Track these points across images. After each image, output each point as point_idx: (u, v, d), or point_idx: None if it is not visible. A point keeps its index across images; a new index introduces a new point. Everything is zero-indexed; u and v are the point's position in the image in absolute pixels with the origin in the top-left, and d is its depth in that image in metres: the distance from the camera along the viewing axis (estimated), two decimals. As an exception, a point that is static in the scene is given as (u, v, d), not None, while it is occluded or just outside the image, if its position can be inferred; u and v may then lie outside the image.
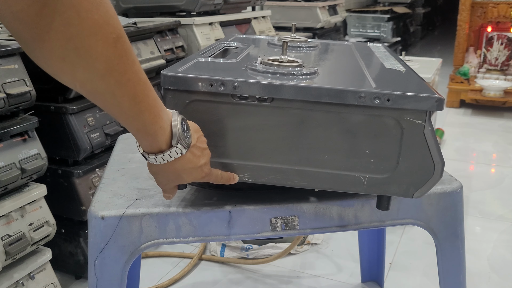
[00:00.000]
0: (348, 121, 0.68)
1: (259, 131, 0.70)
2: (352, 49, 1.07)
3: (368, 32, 4.66)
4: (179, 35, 1.86)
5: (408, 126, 0.67)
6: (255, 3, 2.49)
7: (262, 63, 0.75)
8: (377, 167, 0.70)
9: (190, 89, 0.67)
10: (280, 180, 0.72)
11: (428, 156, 0.68)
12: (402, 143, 0.68)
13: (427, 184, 0.70)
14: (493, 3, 3.53)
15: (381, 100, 0.66)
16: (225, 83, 0.66)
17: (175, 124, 0.60)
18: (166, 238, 0.77)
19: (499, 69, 3.51)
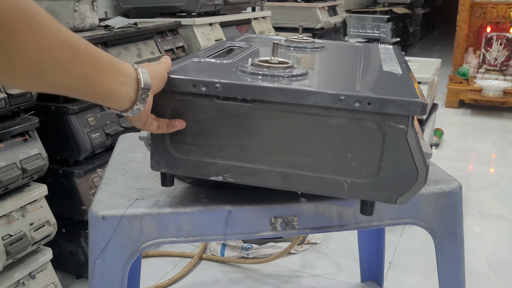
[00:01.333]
0: (329, 124, 0.67)
1: (242, 132, 0.70)
2: (359, 50, 1.06)
3: (368, 32, 4.67)
4: (179, 36, 1.87)
5: (390, 131, 0.66)
6: (255, 4, 2.50)
7: (253, 65, 0.75)
8: (359, 172, 0.68)
9: (175, 89, 0.68)
10: (263, 181, 0.72)
11: (411, 162, 0.66)
12: (384, 148, 0.67)
13: (410, 191, 0.68)
14: (492, 3, 3.54)
15: (361, 104, 0.64)
16: (208, 84, 0.67)
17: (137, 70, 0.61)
18: (166, 238, 0.78)
19: (498, 70, 3.52)
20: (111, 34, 1.49)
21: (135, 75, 0.60)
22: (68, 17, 1.48)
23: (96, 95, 0.57)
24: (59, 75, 0.50)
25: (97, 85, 0.55)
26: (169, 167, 0.73)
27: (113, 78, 0.57)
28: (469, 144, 2.79)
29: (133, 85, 0.60)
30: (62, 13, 1.47)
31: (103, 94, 0.57)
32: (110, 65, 0.57)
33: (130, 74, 0.59)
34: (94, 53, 0.54)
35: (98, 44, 1.43)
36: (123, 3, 2.09)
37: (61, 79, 0.51)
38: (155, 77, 0.64)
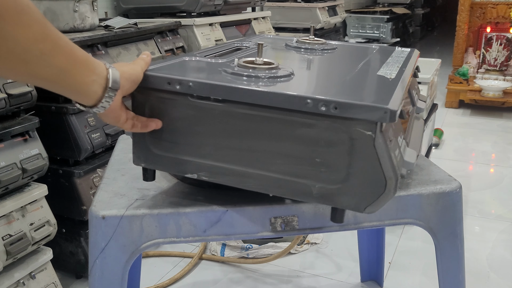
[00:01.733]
0: (297, 127, 0.66)
1: (215, 132, 0.70)
2: (368, 53, 1.05)
3: (368, 32, 4.67)
4: (179, 36, 1.87)
5: (358, 137, 0.63)
6: (255, 4, 2.50)
7: (237, 65, 0.75)
8: (327, 177, 0.66)
9: (152, 86, 0.70)
10: (237, 181, 0.72)
11: (379, 171, 0.63)
12: (352, 154, 0.64)
13: (378, 200, 0.65)
14: (492, 3, 3.54)
15: (327, 108, 0.63)
16: (182, 82, 0.69)
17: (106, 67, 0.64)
18: (166, 238, 0.78)
19: (498, 70, 3.52)
20: (111, 34, 1.49)
21: (105, 74, 0.63)
22: (68, 17, 1.48)
23: (67, 89, 0.60)
24: (40, 65, 0.54)
25: (71, 79, 0.59)
26: (149, 163, 0.75)
27: (86, 75, 0.60)
28: (469, 144, 2.80)
29: (102, 84, 0.62)
30: (62, 13, 1.47)
31: (74, 88, 0.60)
32: (85, 62, 0.60)
33: (101, 73, 0.62)
34: (72, 49, 0.58)
35: (98, 44, 1.43)
36: (123, 3, 2.09)
37: (41, 69, 0.55)
38: (126, 78, 0.66)
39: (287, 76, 0.74)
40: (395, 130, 0.71)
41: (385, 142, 0.64)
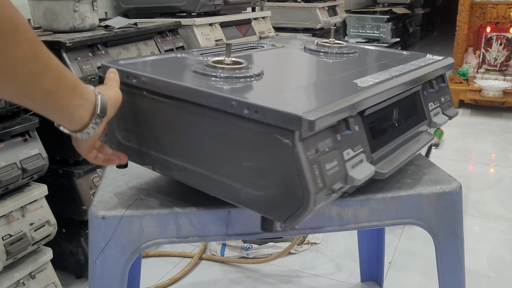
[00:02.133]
0: (228, 128, 0.65)
1: (164, 126, 0.73)
2: (386, 58, 1.02)
3: (368, 32, 4.67)
4: (179, 36, 1.87)
5: (277, 144, 0.61)
6: (255, 4, 2.50)
7: (205, 64, 0.77)
8: (253, 183, 0.65)
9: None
10: (183, 177, 0.73)
11: (297, 183, 0.60)
12: (273, 162, 0.62)
13: (297, 213, 0.62)
14: (492, 3, 3.54)
15: (250, 111, 0.61)
16: (137, 76, 0.73)
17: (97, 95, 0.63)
18: (166, 238, 0.78)
19: (498, 70, 3.52)
20: (111, 34, 1.49)
21: (94, 100, 0.62)
22: (68, 17, 1.48)
23: (53, 112, 0.59)
24: (28, 85, 0.53)
25: (58, 102, 0.57)
26: (118, 151, 0.78)
27: (74, 99, 0.59)
28: (469, 144, 2.80)
29: (90, 110, 0.61)
30: (62, 13, 1.47)
31: (60, 112, 0.59)
32: (74, 87, 0.59)
33: (89, 99, 0.61)
34: (63, 72, 0.57)
35: (98, 44, 1.43)
36: (123, 3, 2.09)
37: (28, 89, 0.53)
38: (112, 105, 0.66)
39: (247, 77, 0.74)
40: (342, 140, 0.67)
41: (306, 153, 0.60)
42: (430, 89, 0.93)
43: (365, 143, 0.72)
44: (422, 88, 0.91)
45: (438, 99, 0.96)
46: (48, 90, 0.55)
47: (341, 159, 0.66)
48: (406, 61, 0.97)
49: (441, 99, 0.98)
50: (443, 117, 0.96)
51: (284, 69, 0.96)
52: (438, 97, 0.96)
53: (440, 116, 0.95)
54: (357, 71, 0.88)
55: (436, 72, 0.94)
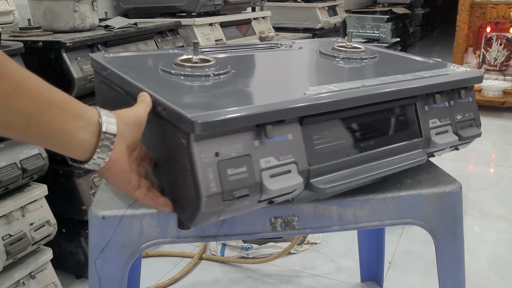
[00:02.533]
0: (154, 124, 0.65)
1: None
2: (398, 63, 0.97)
3: (368, 32, 4.67)
4: (179, 36, 1.87)
5: (178, 143, 0.61)
6: (255, 4, 2.50)
7: (174, 63, 0.80)
8: (167, 180, 0.66)
9: (97, 70, 0.84)
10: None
11: (191, 184, 0.59)
12: (177, 161, 0.62)
13: (192, 215, 0.62)
14: (492, 3, 3.54)
15: (161, 108, 0.62)
16: (107, 69, 0.78)
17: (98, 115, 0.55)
18: (166, 238, 0.78)
19: (498, 70, 3.52)
20: (111, 34, 1.49)
21: (97, 119, 0.53)
22: (68, 17, 1.48)
23: (44, 138, 0.50)
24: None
25: (45, 126, 0.49)
26: None
27: (67, 120, 0.50)
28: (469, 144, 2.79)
29: (94, 131, 0.53)
30: (62, 13, 1.47)
31: (54, 137, 0.51)
32: (65, 106, 0.50)
33: (91, 118, 0.53)
34: (45, 92, 0.49)
35: (98, 44, 1.43)
36: (123, 3, 2.09)
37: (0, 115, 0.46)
38: (126, 122, 0.56)
39: (203, 76, 0.77)
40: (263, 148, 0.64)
41: (200, 154, 0.59)
42: (434, 104, 0.83)
43: (300, 153, 0.68)
44: (422, 102, 0.82)
45: (450, 116, 0.86)
46: (27, 113, 0.47)
47: (255, 166, 0.63)
48: (417, 70, 0.88)
49: (455, 117, 0.86)
50: (450, 137, 0.84)
51: (260, 70, 0.94)
52: (450, 114, 0.86)
53: (446, 136, 0.84)
54: (338, 77, 0.85)
55: (444, 85, 0.84)
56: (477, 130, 0.89)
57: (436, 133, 0.83)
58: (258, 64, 0.99)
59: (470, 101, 0.88)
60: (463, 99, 0.87)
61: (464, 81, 0.86)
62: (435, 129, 0.84)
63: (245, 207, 0.65)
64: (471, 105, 0.89)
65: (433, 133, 0.83)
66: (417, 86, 0.80)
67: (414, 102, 0.82)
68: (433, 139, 0.83)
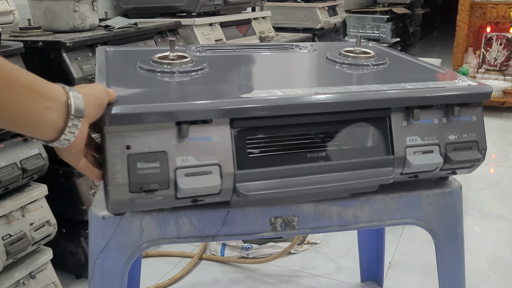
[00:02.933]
0: None
1: None
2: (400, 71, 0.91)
3: (368, 32, 4.67)
4: (179, 36, 1.87)
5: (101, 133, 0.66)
6: (255, 4, 2.50)
7: (152, 59, 0.84)
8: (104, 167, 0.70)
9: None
10: None
11: (104, 173, 0.64)
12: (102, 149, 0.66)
13: (107, 201, 0.66)
14: (492, 3, 3.54)
15: None
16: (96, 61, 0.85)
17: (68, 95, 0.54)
18: (166, 238, 0.78)
19: (498, 70, 3.52)
20: (111, 34, 1.49)
21: (65, 99, 0.52)
22: (68, 17, 1.48)
23: (10, 121, 0.49)
24: None
25: (10, 108, 0.47)
26: None
27: (34, 101, 0.49)
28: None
29: (62, 111, 0.52)
30: (62, 13, 1.47)
31: (20, 119, 0.49)
32: (31, 86, 0.49)
33: (58, 99, 0.52)
34: (9, 72, 0.47)
35: (98, 44, 1.43)
36: (123, 3, 2.09)
37: None
38: (91, 102, 0.56)
39: (168, 73, 0.80)
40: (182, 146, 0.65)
41: (110, 145, 0.62)
42: (413, 119, 0.75)
43: (226, 156, 0.67)
44: (400, 117, 0.75)
45: (439, 135, 0.77)
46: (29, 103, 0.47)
47: (170, 163, 0.64)
48: (412, 80, 0.80)
49: (446, 136, 0.77)
50: (432, 158, 0.76)
51: (237, 72, 0.93)
52: (440, 133, 0.77)
53: (427, 157, 0.76)
54: (308, 82, 0.83)
55: (424, 100, 0.75)
56: (476, 154, 0.78)
57: (414, 152, 0.75)
58: (244, 64, 0.98)
59: (472, 120, 0.78)
60: (458, 117, 0.77)
61: (459, 97, 0.77)
62: (413, 147, 0.75)
63: (162, 202, 0.66)
64: (474, 125, 0.78)
65: (410, 151, 0.75)
66: (392, 98, 0.73)
67: (387, 116, 0.75)
68: (408, 159, 0.75)
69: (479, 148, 0.79)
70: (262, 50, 1.07)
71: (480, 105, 0.79)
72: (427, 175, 0.79)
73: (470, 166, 0.80)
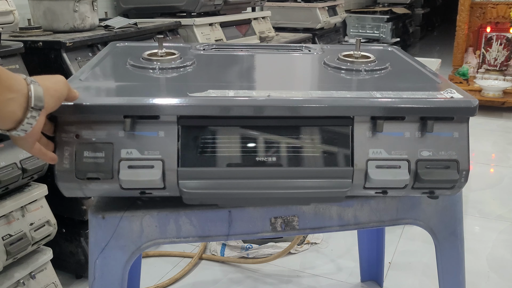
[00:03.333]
0: None
1: None
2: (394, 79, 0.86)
3: (368, 32, 4.67)
4: (179, 36, 1.87)
5: None
6: (255, 4, 2.50)
7: (141, 56, 0.88)
8: None
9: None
10: None
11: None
12: None
13: (56, 184, 0.71)
14: (492, 3, 3.54)
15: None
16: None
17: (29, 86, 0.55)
18: (166, 238, 0.78)
19: (498, 70, 3.52)
20: (111, 34, 1.49)
21: (26, 91, 0.54)
22: (68, 17, 1.48)
23: None
24: None
25: None
26: None
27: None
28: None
29: (22, 103, 0.53)
30: (62, 13, 1.47)
31: None
32: None
33: (20, 90, 0.53)
34: None
35: (98, 44, 1.43)
36: (123, 3, 2.09)
37: None
38: (51, 95, 0.58)
39: (150, 68, 0.84)
40: (128, 139, 0.68)
41: (61, 133, 0.67)
42: (377, 131, 0.70)
43: (170, 152, 0.68)
44: (364, 127, 0.71)
45: (409, 150, 0.71)
46: None
47: (115, 154, 0.68)
48: (398, 89, 0.75)
49: (418, 152, 0.71)
50: (398, 174, 0.70)
51: (223, 71, 0.92)
52: (411, 148, 0.71)
53: (391, 172, 0.70)
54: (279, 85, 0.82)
55: (388, 111, 0.70)
56: (453, 175, 0.70)
57: (376, 165, 0.70)
58: (233, 64, 0.97)
59: (454, 137, 0.72)
60: (431, 132, 0.70)
61: (432, 110, 0.70)
62: (376, 161, 0.70)
63: (109, 191, 0.70)
64: (455, 143, 0.71)
65: (372, 165, 0.70)
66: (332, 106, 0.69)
67: (349, 125, 0.70)
68: (369, 172, 0.70)
69: (459, 168, 0.71)
70: (267, 50, 1.07)
71: (466, 121, 0.72)
72: (398, 192, 0.73)
73: (449, 187, 0.72)
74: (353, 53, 0.93)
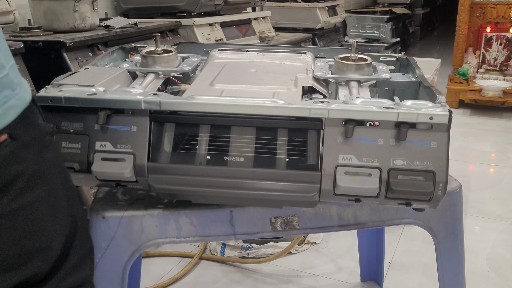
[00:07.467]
0: None
1: None
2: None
3: (368, 32, 4.67)
4: (179, 36, 1.87)
5: None
6: (255, 4, 2.50)
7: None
8: None
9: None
10: None
11: None
12: None
13: None
14: (492, 3, 3.54)
15: None
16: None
17: None
18: (166, 238, 0.78)
19: (498, 70, 3.52)
20: (111, 34, 1.49)
21: None
22: (68, 17, 1.48)
23: None
24: None
25: None
26: None
27: None
28: (468, 144, 2.79)
29: None
30: (62, 13, 1.47)
31: None
32: None
33: None
34: None
35: (98, 44, 1.43)
36: (123, 3, 2.09)
37: None
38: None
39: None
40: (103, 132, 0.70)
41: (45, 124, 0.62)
42: (346, 136, 0.67)
43: (141, 147, 0.69)
44: (335, 132, 0.68)
45: (382, 158, 0.67)
46: None
47: (90, 146, 0.70)
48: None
49: (392, 161, 0.67)
50: (367, 182, 0.66)
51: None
52: (384, 156, 0.67)
53: (360, 180, 0.67)
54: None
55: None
56: (427, 187, 0.66)
57: (345, 172, 0.67)
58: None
59: (431, 146, 0.68)
60: (405, 140, 0.67)
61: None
62: (345, 167, 0.67)
63: (85, 181, 0.72)
64: (432, 153, 0.69)
65: (341, 171, 0.67)
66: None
67: (319, 128, 0.68)
68: (337, 178, 0.67)
69: (435, 180, 0.67)
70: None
71: (446, 131, 0.69)
72: (372, 201, 0.69)
73: (426, 200, 0.68)
74: (350, 56, 0.87)
